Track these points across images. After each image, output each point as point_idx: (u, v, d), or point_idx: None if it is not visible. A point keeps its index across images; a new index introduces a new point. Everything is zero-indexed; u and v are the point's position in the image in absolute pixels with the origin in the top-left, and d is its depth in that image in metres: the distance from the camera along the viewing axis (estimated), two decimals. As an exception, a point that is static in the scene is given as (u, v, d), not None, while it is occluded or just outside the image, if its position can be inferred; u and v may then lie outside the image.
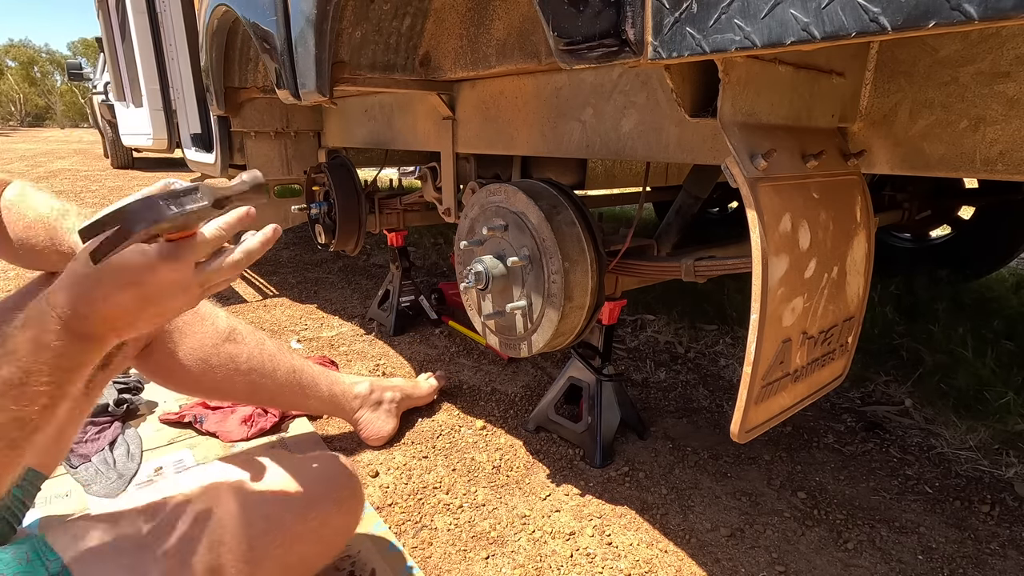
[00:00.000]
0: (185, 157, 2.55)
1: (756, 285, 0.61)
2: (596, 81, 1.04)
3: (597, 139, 1.07)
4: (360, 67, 1.23)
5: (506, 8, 1.10)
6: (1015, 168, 0.65)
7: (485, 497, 1.14)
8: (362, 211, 1.83)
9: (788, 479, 1.20)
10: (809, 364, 0.75)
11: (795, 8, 0.45)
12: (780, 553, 1.00)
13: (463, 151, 1.46)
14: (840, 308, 0.78)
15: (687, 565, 0.98)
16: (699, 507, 1.11)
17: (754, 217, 0.60)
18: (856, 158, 0.77)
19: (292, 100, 1.30)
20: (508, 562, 0.97)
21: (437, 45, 1.29)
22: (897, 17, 0.40)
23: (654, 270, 1.12)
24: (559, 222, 1.00)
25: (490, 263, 1.05)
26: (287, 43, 1.23)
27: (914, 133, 0.73)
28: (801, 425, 1.41)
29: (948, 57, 0.68)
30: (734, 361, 1.76)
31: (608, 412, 1.25)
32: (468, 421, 1.43)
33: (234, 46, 1.83)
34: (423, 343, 1.90)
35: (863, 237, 0.79)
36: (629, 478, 1.20)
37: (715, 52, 0.51)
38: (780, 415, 0.73)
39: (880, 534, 1.05)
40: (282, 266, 2.96)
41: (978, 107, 0.66)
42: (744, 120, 0.64)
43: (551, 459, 1.27)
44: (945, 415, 1.44)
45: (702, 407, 1.50)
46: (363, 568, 0.93)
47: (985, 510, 1.12)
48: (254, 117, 2.09)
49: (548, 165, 1.56)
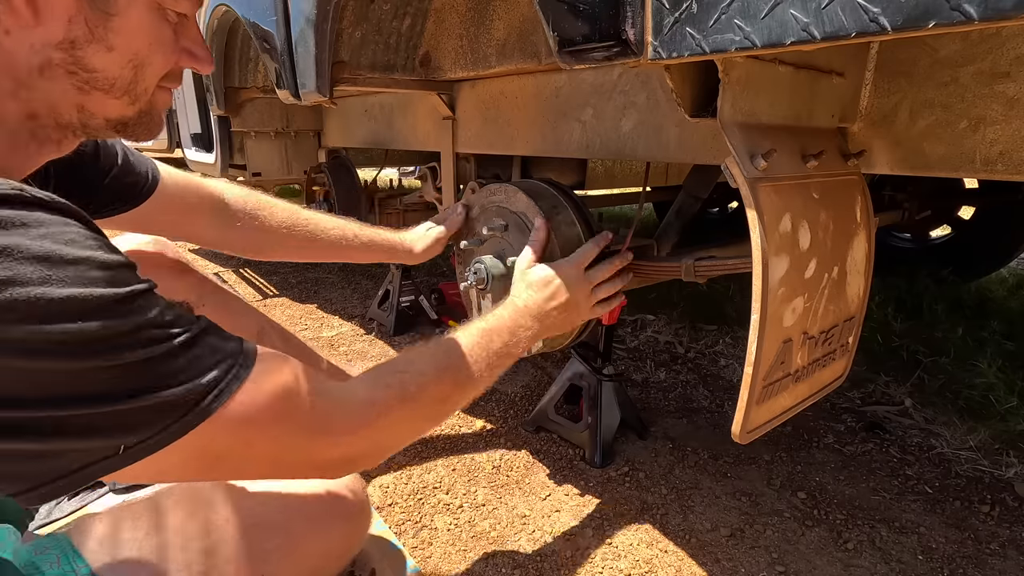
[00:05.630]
0: (185, 157, 2.55)
1: (756, 285, 0.61)
2: (596, 81, 1.04)
3: (597, 139, 1.07)
4: (360, 67, 1.23)
5: (506, 8, 1.10)
6: (1015, 168, 0.65)
7: (485, 497, 1.14)
8: (362, 211, 1.83)
9: (788, 479, 1.20)
10: (810, 364, 0.75)
11: (795, 8, 0.45)
12: (780, 553, 1.00)
13: (463, 151, 1.45)
14: (840, 308, 0.78)
15: (687, 565, 0.98)
16: (699, 507, 1.11)
17: (754, 217, 0.60)
18: (856, 158, 0.77)
19: (292, 100, 1.30)
20: (508, 562, 0.97)
21: (437, 45, 1.29)
22: (897, 17, 0.40)
23: (654, 270, 1.11)
24: (559, 222, 1.00)
25: (490, 263, 1.05)
26: (287, 43, 1.23)
27: (914, 133, 0.72)
28: (801, 425, 1.41)
29: (948, 57, 0.68)
30: (734, 361, 1.76)
31: (608, 412, 1.25)
32: (468, 421, 1.43)
33: (234, 46, 1.83)
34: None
35: (863, 237, 0.79)
36: (629, 478, 1.20)
37: (715, 52, 0.51)
38: (781, 415, 0.73)
39: (880, 534, 1.05)
40: (282, 266, 2.96)
41: (978, 107, 0.66)
42: (744, 120, 0.64)
43: (551, 459, 1.27)
44: (945, 415, 1.44)
45: (702, 407, 1.50)
46: (363, 568, 0.93)
47: (985, 510, 1.12)
48: (254, 117, 2.09)
49: (548, 165, 1.56)
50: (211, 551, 0.62)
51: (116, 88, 0.51)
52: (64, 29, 0.47)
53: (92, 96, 0.51)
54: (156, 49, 0.52)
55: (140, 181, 0.82)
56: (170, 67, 0.55)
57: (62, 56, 0.47)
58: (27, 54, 0.46)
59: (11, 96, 0.48)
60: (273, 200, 1.02)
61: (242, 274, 2.84)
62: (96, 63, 0.49)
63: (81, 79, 0.49)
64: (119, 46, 0.49)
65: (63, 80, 0.48)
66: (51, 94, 0.49)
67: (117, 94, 0.51)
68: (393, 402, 0.59)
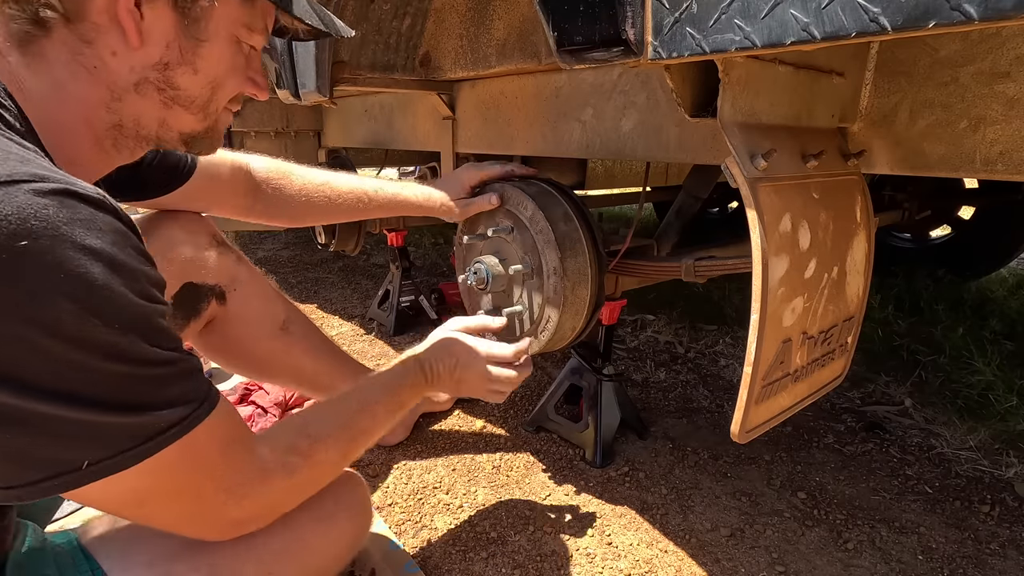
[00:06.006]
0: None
1: (756, 285, 0.61)
2: (596, 81, 1.04)
3: (597, 139, 1.07)
4: (360, 67, 1.23)
5: (506, 8, 1.10)
6: (1015, 168, 0.65)
7: (485, 497, 1.14)
8: (362, 211, 1.83)
9: (788, 479, 1.20)
10: (809, 364, 0.75)
11: (795, 8, 0.45)
12: (780, 553, 1.00)
13: (463, 151, 1.45)
14: (840, 308, 0.78)
15: (687, 565, 0.98)
16: (699, 507, 1.11)
17: (754, 217, 0.60)
18: (856, 158, 0.77)
19: (292, 100, 1.30)
20: (508, 562, 0.97)
21: (437, 45, 1.29)
22: (897, 17, 0.40)
23: (654, 270, 1.12)
24: (559, 222, 1.00)
25: (491, 263, 1.06)
26: (287, 43, 1.23)
27: (914, 133, 0.73)
28: (801, 425, 1.41)
29: (948, 57, 0.68)
30: (734, 361, 1.76)
31: (608, 412, 1.25)
32: (468, 421, 1.43)
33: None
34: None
35: (863, 237, 0.79)
36: (629, 478, 1.20)
37: (715, 52, 0.51)
38: (780, 415, 0.73)
39: (880, 534, 1.05)
40: (282, 266, 2.96)
41: (978, 107, 0.66)
42: (744, 120, 0.64)
43: (551, 459, 1.27)
44: (945, 415, 1.44)
45: (702, 407, 1.50)
46: (363, 567, 0.93)
47: (985, 510, 1.12)
48: (254, 117, 2.09)
49: (548, 165, 1.56)
50: (218, 551, 0.62)
51: (195, 105, 0.59)
52: (161, 52, 0.54)
53: (173, 111, 0.58)
54: (232, 74, 0.61)
55: (179, 164, 0.88)
56: (238, 91, 0.63)
57: (156, 75, 0.55)
58: (127, 73, 0.54)
59: (105, 108, 0.55)
60: (292, 168, 1.04)
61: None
62: (182, 82, 0.57)
63: (168, 96, 0.57)
64: (203, 69, 0.58)
65: (152, 96, 0.56)
66: (139, 108, 0.56)
67: (194, 110, 0.60)
68: (303, 470, 0.63)
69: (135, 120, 0.57)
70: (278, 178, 1.02)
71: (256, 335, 1.07)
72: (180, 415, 0.48)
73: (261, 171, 1.00)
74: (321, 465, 0.66)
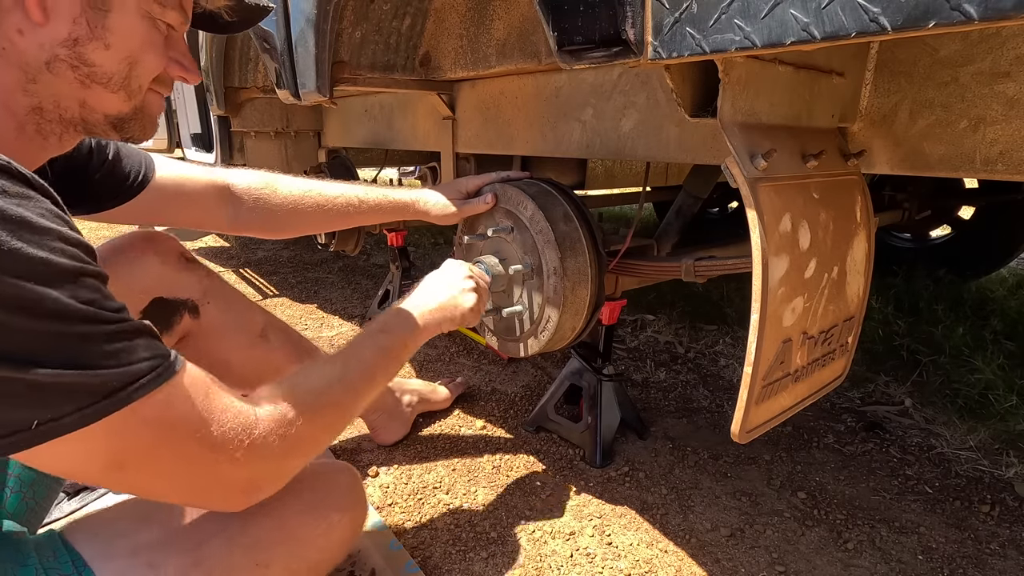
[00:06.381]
0: (185, 157, 2.56)
1: (756, 285, 0.61)
2: (596, 81, 1.04)
3: (597, 139, 1.07)
4: (360, 67, 1.23)
5: (506, 8, 1.10)
6: (1015, 168, 0.65)
7: (485, 497, 1.14)
8: (362, 211, 1.83)
9: (788, 479, 1.20)
10: (809, 364, 0.75)
11: (795, 8, 0.45)
12: (780, 553, 1.00)
13: (463, 151, 1.45)
14: (840, 308, 0.78)
15: (687, 565, 0.98)
16: (699, 507, 1.11)
17: (754, 217, 0.60)
18: (856, 158, 0.77)
19: (292, 100, 1.30)
20: (508, 562, 0.97)
21: (437, 45, 1.29)
22: (897, 17, 0.40)
23: (654, 270, 1.12)
24: (559, 222, 1.00)
25: (492, 262, 1.06)
26: (287, 43, 1.23)
27: (914, 133, 0.73)
28: (801, 425, 1.41)
29: (948, 57, 0.68)
30: (734, 361, 1.76)
31: (608, 412, 1.25)
32: (468, 421, 1.43)
33: (234, 46, 1.83)
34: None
35: (863, 237, 0.79)
36: (629, 478, 1.20)
37: (715, 52, 0.51)
38: (781, 415, 0.73)
39: (880, 534, 1.05)
40: (282, 266, 2.96)
41: (978, 107, 0.66)
42: (744, 120, 0.64)
43: (551, 459, 1.27)
44: (945, 415, 1.44)
45: (702, 407, 1.50)
46: (363, 567, 0.93)
47: (985, 510, 1.12)
48: (254, 117, 2.09)
49: (548, 165, 1.56)
50: (205, 540, 0.62)
51: (113, 82, 0.58)
52: (68, 28, 0.53)
53: (92, 90, 0.57)
54: (147, 49, 0.59)
55: (130, 176, 0.86)
56: (160, 70, 0.62)
57: (67, 52, 0.54)
58: (36, 52, 0.53)
59: (21, 90, 0.54)
60: (279, 178, 1.04)
61: (242, 274, 2.83)
62: (96, 59, 0.55)
63: (83, 73, 0.55)
64: (115, 44, 0.56)
65: (67, 74, 0.55)
66: (56, 88, 0.55)
67: (114, 88, 0.58)
68: (298, 419, 0.61)
69: (54, 102, 0.56)
70: (260, 187, 1.01)
71: (234, 345, 1.05)
72: (133, 374, 0.47)
73: (241, 183, 0.99)
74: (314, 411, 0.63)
